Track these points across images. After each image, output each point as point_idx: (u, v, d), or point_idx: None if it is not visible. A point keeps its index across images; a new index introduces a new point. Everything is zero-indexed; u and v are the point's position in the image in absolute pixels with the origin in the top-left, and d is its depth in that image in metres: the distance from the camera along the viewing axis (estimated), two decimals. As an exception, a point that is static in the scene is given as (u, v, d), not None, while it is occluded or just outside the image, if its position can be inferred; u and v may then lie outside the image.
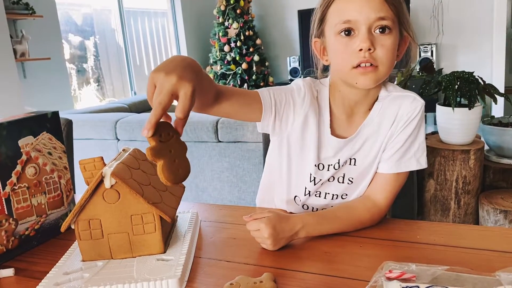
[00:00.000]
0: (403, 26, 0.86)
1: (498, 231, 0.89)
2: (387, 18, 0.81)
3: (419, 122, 0.90)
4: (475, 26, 4.88)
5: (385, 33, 0.82)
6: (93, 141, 2.66)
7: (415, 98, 0.90)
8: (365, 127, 0.91)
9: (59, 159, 0.95)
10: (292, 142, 0.95)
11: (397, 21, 0.83)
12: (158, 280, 0.68)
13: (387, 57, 0.83)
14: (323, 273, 0.71)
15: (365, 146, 0.92)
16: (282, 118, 0.92)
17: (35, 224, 0.89)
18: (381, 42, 0.82)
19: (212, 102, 0.81)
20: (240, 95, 0.87)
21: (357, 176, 0.93)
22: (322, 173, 0.94)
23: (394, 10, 0.82)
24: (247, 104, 0.88)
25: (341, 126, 0.93)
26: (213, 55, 5.49)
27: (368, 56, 0.82)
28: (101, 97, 4.72)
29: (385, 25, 0.81)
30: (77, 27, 4.49)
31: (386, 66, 0.84)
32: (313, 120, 0.92)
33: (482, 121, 2.36)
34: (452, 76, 2.15)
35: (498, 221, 2.06)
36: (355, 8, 0.82)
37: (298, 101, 0.91)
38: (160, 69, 0.63)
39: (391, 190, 0.90)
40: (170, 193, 0.85)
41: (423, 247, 0.79)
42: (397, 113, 0.90)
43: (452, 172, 2.18)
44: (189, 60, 0.68)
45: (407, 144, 0.89)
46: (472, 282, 0.63)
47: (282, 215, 0.82)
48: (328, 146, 0.92)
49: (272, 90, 0.91)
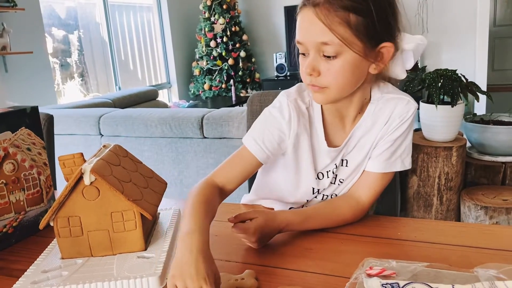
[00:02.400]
0: (373, 39, 0.78)
1: (477, 227, 0.90)
2: (331, 43, 0.76)
3: (410, 125, 0.89)
4: (459, 25, 4.94)
5: (330, 59, 0.78)
6: (77, 137, 2.62)
7: (409, 101, 0.89)
8: (358, 129, 0.90)
9: (39, 155, 0.93)
10: (288, 163, 0.93)
11: (357, 40, 0.76)
12: (138, 278, 0.67)
13: (335, 81, 0.80)
14: (304, 269, 0.71)
15: (357, 147, 0.91)
16: (280, 148, 0.91)
17: (13, 221, 0.87)
18: (327, 67, 0.79)
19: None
20: (236, 170, 0.90)
21: (347, 176, 0.93)
22: (323, 182, 0.94)
23: (345, 32, 0.75)
24: (246, 170, 0.91)
25: (335, 130, 0.91)
26: (199, 51, 5.46)
27: (313, 80, 0.81)
28: (85, 92, 4.66)
29: (328, 51, 0.77)
30: (61, 20, 4.42)
31: (336, 88, 0.81)
32: (304, 137, 0.90)
33: (464, 118, 2.39)
34: (436, 74, 2.17)
35: (478, 217, 2.09)
36: (302, 30, 0.80)
37: (285, 127, 0.89)
38: (180, 276, 0.63)
39: (375, 188, 0.90)
40: (151, 190, 0.84)
41: (403, 243, 0.79)
42: (390, 114, 0.88)
43: (435, 169, 2.21)
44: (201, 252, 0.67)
45: (396, 145, 0.89)
46: (451, 278, 0.63)
47: (268, 217, 0.81)
48: (325, 157, 0.91)
49: (261, 138, 0.89)
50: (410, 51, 0.84)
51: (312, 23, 0.76)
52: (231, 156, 0.92)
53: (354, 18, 0.75)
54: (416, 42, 0.84)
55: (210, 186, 0.87)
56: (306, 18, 0.78)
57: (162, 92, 5.55)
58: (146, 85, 5.29)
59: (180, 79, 5.74)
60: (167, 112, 2.45)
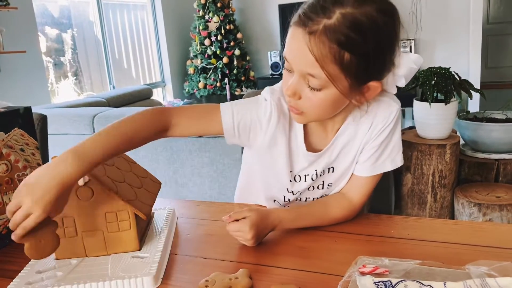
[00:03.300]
0: (362, 79, 0.75)
1: (469, 225, 0.91)
2: (318, 77, 0.72)
3: (394, 126, 0.87)
4: (453, 22, 4.96)
5: (313, 90, 0.75)
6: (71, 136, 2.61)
7: (390, 103, 0.86)
8: (341, 135, 0.88)
9: (32, 155, 0.93)
10: (263, 158, 0.92)
11: (345, 79, 0.73)
12: (133, 277, 0.68)
13: (314, 110, 0.78)
14: (298, 268, 0.72)
15: (342, 153, 0.89)
16: (249, 136, 0.88)
17: (7, 222, 0.87)
18: (308, 95, 0.76)
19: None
20: (197, 121, 0.86)
21: (336, 180, 0.93)
22: (299, 185, 0.92)
23: (334, 70, 0.71)
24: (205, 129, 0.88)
25: (316, 136, 0.89)
26: (193, 49, 5.44)
27: (292, 102, 0.79)
28: (79, 91, 4.63)
29: (313, 83, 0.74)
30: (54, 19, 4.39)
31: (314, 115, 0.80)
32: (282, 139, 0.87)
33: (458, 116, 2.41)
34: (429, 71, 2.18)
35: (472, 213, 2.10)
36: (291, 51, 0.75)
37: (264, 122, 0.86)
38: (28, 194, 0.64)
39: (366, 190, 0.90)
40: (146, 190, 0.84)
41: (396, 241, 0.80)
42: (373, 120, 0.86)
43: (429, 166, 2.22)
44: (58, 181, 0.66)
45: (381, 148, 0.88)
46: (443, 275, 0.64)
47: (262, 213, 0.81)
48: (303, 160, 0.89)
49: (237, 108, 0.87)
50: (401, 76, 0.81)
51: (303, 52, 0.72)
52: (202, 108, 0.89)
53: (348, 57, 0.70)
54: (409, 66, 0.81)
55: (159, 120, 0.83)
56: (297, 43, 0.73)
57: (157, 91, 5.53)
58: (140, 84, 5.27)
59: (175, 78, 5.73)
60: (162, 111, 2.44)
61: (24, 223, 0.64)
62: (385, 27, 0.72)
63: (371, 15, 0.70)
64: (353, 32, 0.69)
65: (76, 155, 0.67)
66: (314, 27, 0.70)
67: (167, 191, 2.46)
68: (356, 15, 0.69)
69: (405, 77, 0.81)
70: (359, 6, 0.70)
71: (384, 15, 0.71)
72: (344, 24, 0.69)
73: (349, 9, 0.69)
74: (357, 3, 0.70)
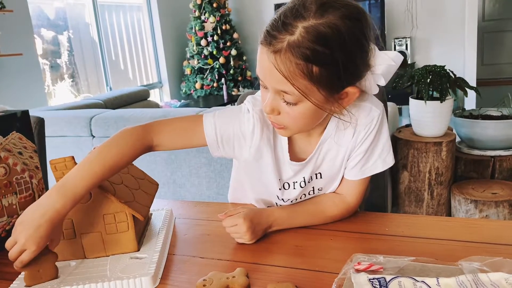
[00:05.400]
0: (336, 87, 0.73)
1: (463, 221, 0.92)
2: (291, 93, 0.71)
3: (378, 130, 0.86)
4: (448, 20, 4.98)
5: (290, 105, 0.74)
6: (68, 138, 2.62)
7: (371, 109, 0.84)
8: (324, 141, 0.86)
9: (30, 158, 0.94)
10: (251, 170, 0.91)
11: (318, 91, 0.71)
12: (132, 278, 0.69)
13: (295, 123, 0.77)
14: (294, 266, 0.73)
15: (327, 159, 0.88)
16: (234, 149, 0.87)
17: (6, 225, 0.88)
18: (287, 110, 0.75)
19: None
20: (180, 137, 0.86)
21: (326, 184, 0.92)
22: (289, 192, 0.91)
23: (305, 85, 0.70)
24: (189, 143, 0.87)
25: (301, 143, 0.88)
26: (190, 49, 5.45)
27: (272, 118, 0.78)
28: (76, 93, 4.63)
29: (288, 99, 0.73)
30: (50, 21, 4.39)
31: (296, 128, 0.79)
32: (267, 150, 0.86)
33: (454, 113, 2.42)
34: (424, 70, 2.19)
35: (469, 210, 2.12)
36: (261, 69, 0.74)
37: (248, 135, 0.85)
38: (21, 231, 0.69)
39: (359, 190, 0.90)
40: (143, 192, 0.85)
41: (391, 239, 0.81)
42: (355, 127, 0.85)
43: (425, 164, 2.23)
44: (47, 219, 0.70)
45: (369, 153, 0.87)
46: (436, 271, 0.65)
47: (256, 209, 0.84)
48: (289, 170, 0.88)
49: (219, 121, 0.85)
50: (379, 75, 0.78)
51: (271, 71, 0.70)
52: (183, 122, 0.87)
53: (316, 70, 0.69)
54: (388, 63, 0.77)
55: (141, 142, 0.82)
56: (265, 62, 0.72)
57: (154, 92, 5.54)
58: (137, 85, 5.28)
59: (172, 79, 5.73)
60: (159, 112, 2.45)
61: (21, 258, 0.70)
62: (351, 33, 0.69)
63: (335, 24, 0.68)
64: (318, 45, 0.67)
65: (60, 191, 0.71)
66: (278, 45, 0.69)
67: (165, 192, 2.46)
68: (318, 27, 0.67)
69: (384, 75, 0.78)
70: (321, 17, 0.68)
71: (349, 21, 0.69)
72: (308, 38, 0.67)
73: (311, 22, 0.68)
74: (319, 13, 0.68)
